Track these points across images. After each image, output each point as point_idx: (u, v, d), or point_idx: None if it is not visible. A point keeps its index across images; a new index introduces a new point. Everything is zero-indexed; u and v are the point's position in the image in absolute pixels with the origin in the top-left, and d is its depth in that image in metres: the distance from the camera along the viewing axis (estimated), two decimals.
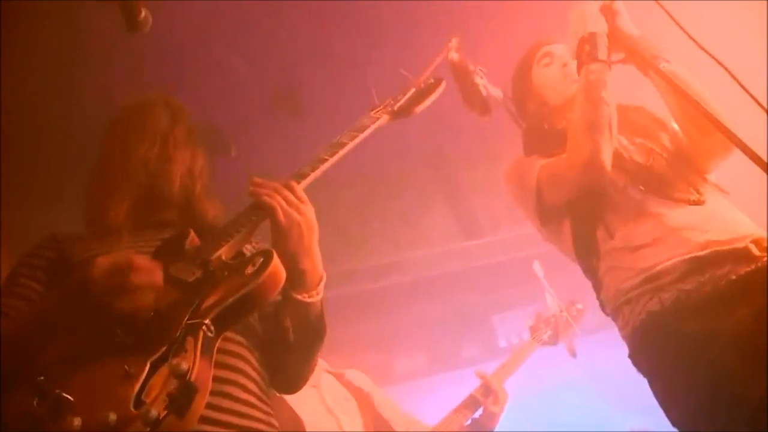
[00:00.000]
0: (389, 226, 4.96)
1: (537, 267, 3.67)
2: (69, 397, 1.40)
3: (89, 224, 1.98)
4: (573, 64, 2.34)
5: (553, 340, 3.92)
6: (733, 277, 2.00)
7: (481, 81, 2.51)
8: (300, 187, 1.81)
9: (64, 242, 1.92)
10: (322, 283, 1.83)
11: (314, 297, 1.81)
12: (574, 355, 3.82)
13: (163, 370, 1.42)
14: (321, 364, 3.53)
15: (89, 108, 3.39)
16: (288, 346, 1.84)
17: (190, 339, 1.48)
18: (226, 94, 3.74)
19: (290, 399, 3.21)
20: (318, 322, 1.86)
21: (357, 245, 4.77)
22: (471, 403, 3.51)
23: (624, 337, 2.20)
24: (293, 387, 2.06)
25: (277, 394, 3.26)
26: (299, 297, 1.79)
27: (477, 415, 3.49)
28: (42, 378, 1.44)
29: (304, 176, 1.85)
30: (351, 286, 3.81)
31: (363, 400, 3.48)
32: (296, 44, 3.68)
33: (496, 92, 2.56)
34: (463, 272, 5.34)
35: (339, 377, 3.58)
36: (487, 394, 3.51)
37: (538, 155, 2.41)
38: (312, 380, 3.37)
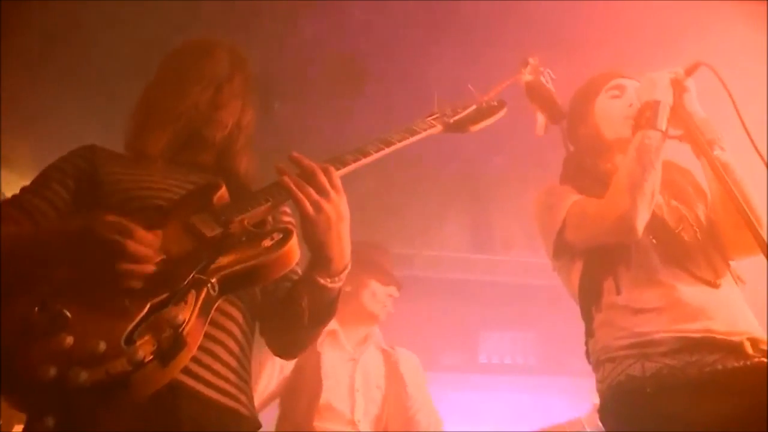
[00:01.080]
0: (407, 220, 4.98)
1: None
2: (68, 314, 1.43)
3: (127, 146, 2.00)
4: (637, 107, 2.31)
5: None
6: (720, 367, 2.01)
7: (546, 84, 2.49)
8: (337, 174, 1.78)
9: (99, 157, 1.94)
10: (346, 271, 1.83)
11: (335, 283, 1.81)
12: None
13: (159, 316, 1.45)
14: (376, 337, 3.57)
15: (143, 37, 3.41)
16: (302, 325, 1.85)
17: (192, 293, 1.51)
18: (288, 49, 3.75)
19: (323, 363, 3.27)
20: (331, 305, 1.87)
21: (372, 230, 4.78)
22: None
23: (598, 391, 2.22)
24: (289, 355, 2.11)
25: (317, 349, 3.28)
26: (321, 281, 1.78)
27: None
28: (47, 288, 1.48)
29: (344, 164, 1.83)
30: None
31: (394, 391, 3.44)
32: (368, 23, 3.67)
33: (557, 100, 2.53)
34: (463, 282, 5.38)
35: (387, 356, 3.54)
36: None
37: (572, 187, 2.40)
38: (355, 352, 3.47)
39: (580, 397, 3.89)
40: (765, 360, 2.03)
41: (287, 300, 1.86)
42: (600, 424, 3.65)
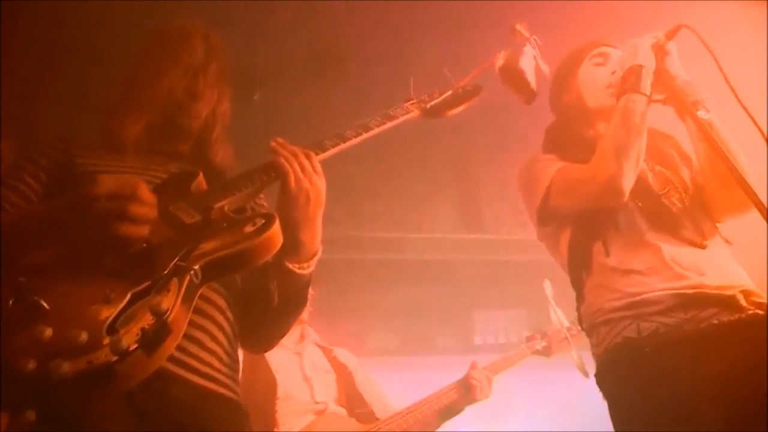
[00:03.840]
0: (397, 204, 4.99)
1: (547, 286, 3.72)
2: (45, 306, 1.40)
3: (102, 135, 1.98)
4: (620, 75, 2.32)
5: (546, 352, 4.13)
6: (715, 322, 2.03)
7: (533, 51, 2.48)
8: (317, 159, 1.81)
9: (73, 147, 1.92)
10: (316, 257, 1.84)
11: (305, 269, 1.82)
12: (585, 375, 3.60)
13: (142, 305, 1.43)
14: (312, 335, 3.67)
15: (119, 25, 3.37)
16: (269, 309, 1.86)
17: (175, 281, 1.49)
18: (267, 36, 3.72)
19: (270, 360, 3.33)
20: (302, 292, 1.88)
21: (361, 215, 4.81)
22: (459, 385, 3.63)
23: (594, 355, 2.24)
24: (262, 347, 2.10)
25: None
26: (291, 266, 1.80)
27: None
28: (23, 280, 1.44)
29: (324, 149, 1.87)
30: (345, 253, 3.85)
31: (343, 376, 3.55)
32: (348, 6, 3.65)
33: (544, 67, 2.52)
34: (455, 263, 5.40)
35: (327, 351, 3.65)
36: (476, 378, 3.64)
37: (556, 155, 2.41)
38: (296, 347, 3.54)
39: (575, 370, 3.93)
40: (760, 312, 2.05)
41: (256, 286, 1.86)
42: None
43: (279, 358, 3.43)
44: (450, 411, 3.59)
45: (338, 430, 3.26)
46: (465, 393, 3.63)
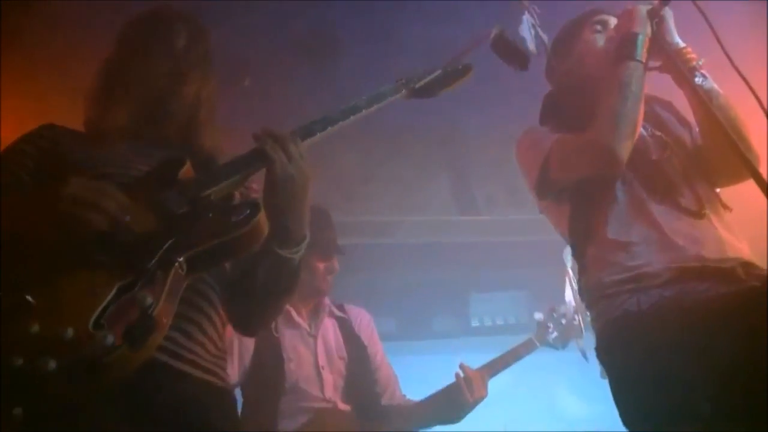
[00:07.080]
0: (389, 187, 4.98)
1: (567, 255, 3.09)
2: (32, 301, 1.40)
3: (87, 124, 1.96)
4: (616, 41, 2.32)
5: (559, 343, 3.68)
6: (713, 293, 2.02)
7: (531, 20, 2.49)
8: (305, 145, 1.80)
9: (61, 136, 1.90)
10: (305, 242, 1.83)
11: (295, 254, 1.81)
12: (585, 356, 3.43)
13: (128, 298, 1.42)
14: (327, 308, 3.52)
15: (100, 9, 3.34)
16: (254, 293, 1.84)
17: (160, 273, 1.48)
18: (257, 24, 3.68)
19: (284, 345, 3.26)
20: (291, 277, 1.86)
21: (354, 199, 4.80)
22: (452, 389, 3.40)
23: (594, 329, 2.22)
24: (251, 331, 2.09)
25: (274, 334, 3.29)
26: (280, 252, 1.78)
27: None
28: (10, 275, 1.43)
29: (311, 134, 1.84)
30: (338, 239, 3.82)
31: (356, 354, 3.43)
32: None
33: (543, 36, 2.53)
34: (450, 245, 5.39)
35: (342, 322, 3.52)
36: (469, 387, 3.38)
37: (553, 127, 2.39)
38: (311, 327, 3.43)
39: (575, 350, 3.90)
40: (757, 284, 2.04)
41: (245, 272, 1.84)
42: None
43: (292, 341, 3.33)
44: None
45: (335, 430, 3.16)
46: (453, 398, 3.36)
